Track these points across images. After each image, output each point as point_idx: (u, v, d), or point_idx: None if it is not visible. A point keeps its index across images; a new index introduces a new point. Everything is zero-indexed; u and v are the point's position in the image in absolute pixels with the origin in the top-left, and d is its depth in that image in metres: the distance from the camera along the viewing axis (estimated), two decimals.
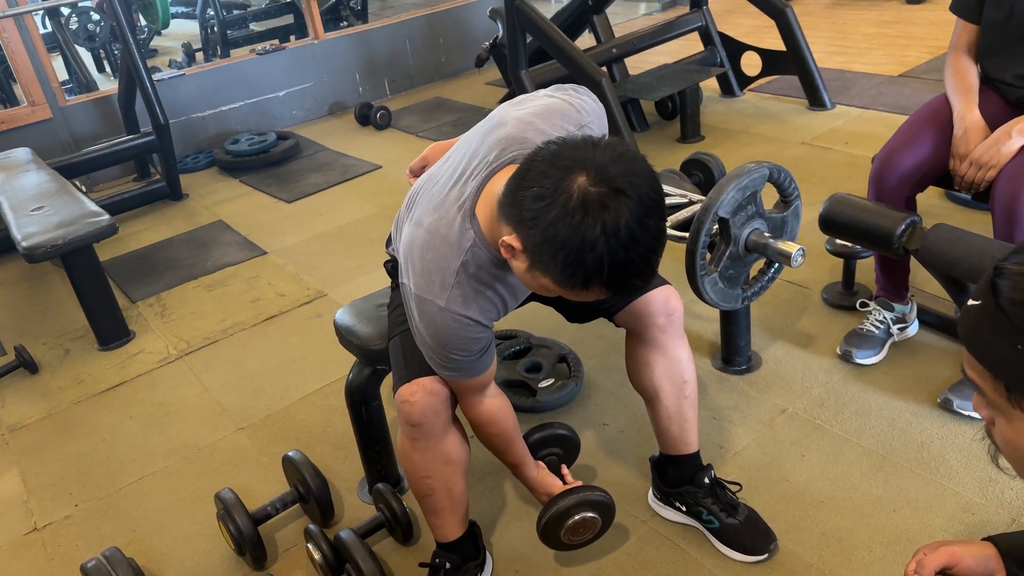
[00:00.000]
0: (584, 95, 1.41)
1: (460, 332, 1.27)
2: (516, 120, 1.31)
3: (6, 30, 3.83)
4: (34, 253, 2.46)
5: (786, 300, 2.39)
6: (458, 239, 1.25)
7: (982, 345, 0.77)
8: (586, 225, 1.05)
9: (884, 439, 1.82)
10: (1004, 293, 0.74)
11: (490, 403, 1.44)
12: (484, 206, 1.25)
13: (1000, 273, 0.76)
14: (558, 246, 1.07)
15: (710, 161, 2.63)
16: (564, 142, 1.13)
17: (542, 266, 1.12)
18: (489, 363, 1.37)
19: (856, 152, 3.27)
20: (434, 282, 1.26)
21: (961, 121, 1.85)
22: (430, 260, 1.27)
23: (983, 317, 0.77)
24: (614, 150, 1.11)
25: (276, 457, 2.03)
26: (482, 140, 1.31)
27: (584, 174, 1.07)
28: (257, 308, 2.82)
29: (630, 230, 1.06)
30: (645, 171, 1.11)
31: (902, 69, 4.18)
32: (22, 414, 2.41)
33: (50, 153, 3.82)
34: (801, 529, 1.63)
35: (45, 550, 1.88)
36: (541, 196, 1.08)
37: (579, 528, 1.50)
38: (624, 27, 5.39)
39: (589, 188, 1.06)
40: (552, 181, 1.08)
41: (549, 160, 1.10)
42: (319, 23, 4.83)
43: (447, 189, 1.30)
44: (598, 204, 1.05)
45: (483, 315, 1.29)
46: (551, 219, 1.07)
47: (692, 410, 1.62)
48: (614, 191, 1.06)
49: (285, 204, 3.70)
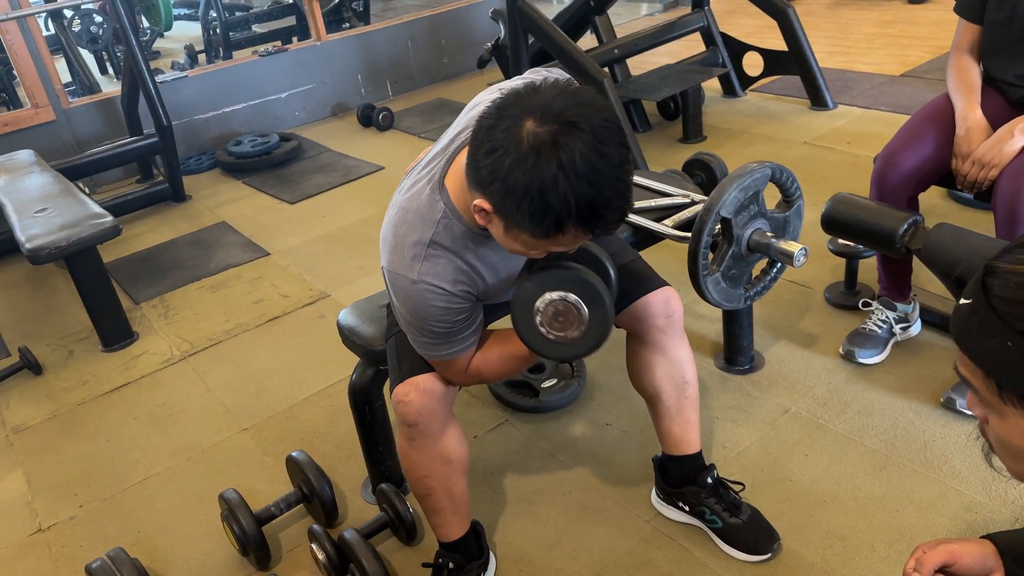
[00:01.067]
0: (556, 72, 1.42)
1: (436, 302, 1.27)
2: (488, 100, 1.32)
3: (9, 32, 3.84)
4: (38, 255, 2.47)
5: (789, 300, 2.39)
6: (428, 211, 1.26)
7: (973, 343, 0.77)
8: (541, 166, 1.04)
9: (887, 438, 1.82)
10: (994, 291, 0.74)
11: (475, 362, 1.39)
12: (453, 178, 1.25)
13: (991, 272, 0.76)
14: (520, 194, 1.06)
15: (712, 161, 2.63)
16: (507, 93, 1.12)
17: (513, 221, 1.11)
18: (474, 341, 1.37)
19: (858, 152, 3.27)
20: (405, 256, 1.26)
21: (963, 120, 1.85)
22: (402, 235, 1.27)
23: (974, 315, 0.77)
24: (555, 87, 1.09)
25: (280, 457, 2.03)
26: (457, 123, 1.33)
27: (530, 118, 1.06)
28: (260, 309, 2.82)
29: (588, 161, 1.04)
30: (592, 101, 1.09)
31: (904, 69, 4.17)
32: (26, 415, 2.42)
33: (53, 155, 3.83)
34: (804, 529, 1.63)
35: (50, 550, 1.89)
36: (493, 149, 1.08)
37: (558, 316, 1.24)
38: (626, 28, 5.39)
39: (537, 130, 1.05)
40: (501, 131, 1.07)
41: (495, 114, 1.10)
42: (321, 24, 4.84)
43: (420, 170, 1.32)
44: (549, 143, 1.04)
45: (456, 286, 1.28)
46: (506, 169, 1.06)
47: (694, 410, 1.62)
48: (563, 125, 1.05)
49: (288, 205, 3.71)
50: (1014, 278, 0.73)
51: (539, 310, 1.24)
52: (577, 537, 1.70)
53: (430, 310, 1.28)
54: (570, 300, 1.23)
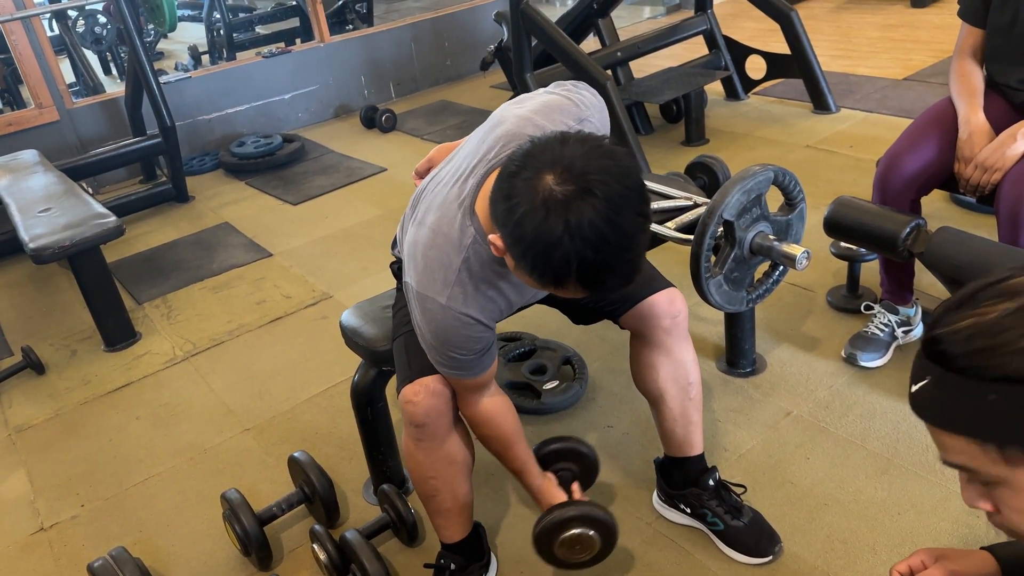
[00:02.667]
0: (583, 90, 1.41)
1: (461, 331, 1.28)
2: (515, 117, 1.31)
3: (14, 33, 3.85)
4: (41, 254, 2.47)
5: (791, 303, 2.39)
6: (459, 236, 1.26)
7: (953, 416, 0.73)
8: (549, 225, 1.05)
9: (889, 442, 1.82)
10: (951, 354, 0.72)
11: (488, 403, 1.43)
12: (483, 203, 1.25)
13: (935, 342, 0.74)
14: (526, 246, 1.08)
15: (715, 164, 2.63)
16: (538, 140, 1.13)
17: (519, 265, 1.13)
18: (490, 363, 1.37)
19: (861, 155, 3.27)
20: (436, 280, 1.26)
21: (966, 124, 1.85)
22: (432, 258, 1.27)
23: (941, 390, 0.74)
24: (584, 145, 1.09)
25: (282, 458, 2.04)
26: (483, 139, 1.32)
27: (551, 172, 1.06)
28: (263, 310, 2.82)
29: (596, 229, 1.04)
30: (616, 167, 1.08)
31: (907, 73, 4.18)
32: (29, 415, 2.42)
33: (57, 155, 3.84)
34: (806, 532, 1.63)
35: (52, 550, 1.89)
36: (510, 196, 1.09)
37: (575, 544, 1.43)
38: (629, 31, 5.39)
39: (554, 187, 1.05)
40: (521, 180, 1.08)
41: (521, 160, 1.10)
42: (325, 26, 4.85)
43: (449, 188, 1.31)
44: (562, 203, 1.04)
45: (484, 313, 1.29)
46: (518, 219, 1.07)
47: (697, 412, 1.62)
48: (580, 190, 1.05)
49: (291, 206, 3.71)
50: (963, 333, 0.72)
51: (564, 538, 1.41)
52: None
53: (454, 337, 1.28)
54: (593, 537, 1.43)
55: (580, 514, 1.42)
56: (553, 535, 1.42)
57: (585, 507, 1.44)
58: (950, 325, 0.73)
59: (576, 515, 1.42)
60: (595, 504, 1.47)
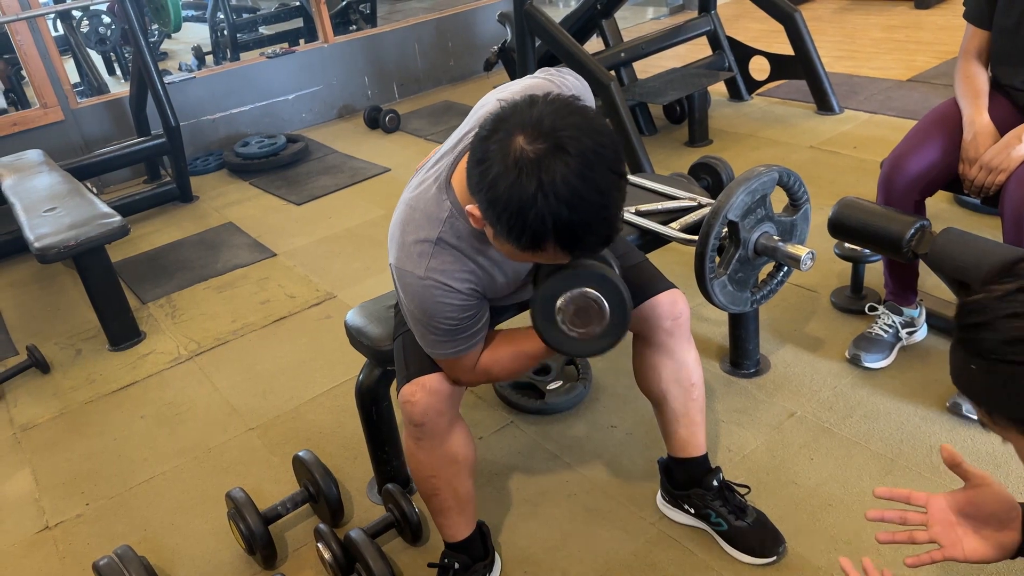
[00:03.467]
0: (567, 74, 1.42)
1: (443, 299, 1.27)
2: (496, 100, 1.33)
3: (19, 33, 3.86)
4: (46, 254, 2.48)
5: (795, 304, 2.39)
6: (436, 209, 1.27)
7: (957, 378, 0.83)
8: (522, 184, 1.04)
9: (893, 443, 1.83)
10: (957, 324, 0.81)
11: (482, 359, 1.39)
12: (459, 178, 1.25)
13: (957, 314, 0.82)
14: (501, 208, 1.07)
15: (718, 165, 2.64)
16: (508, 104, 1.12)
17: (496, 231, 1.12)
18: (480, 337, 1.37)
19: (865, 156, 3.27)
20: (412, 253, 1.27)
21: (971, 125, 1.85)
22: (409, 232, 1.28)
23: (953, 356, 0.84)
24: (553, 103, 1.09)
25: (286, 457, 2.04)
26: (465, 123, 1.34)
27: (522, 134, 1.06)
28: (267, 309, 2.83)
29: (570, 186, 1.04)
30: (588, 123, 1.08)
31: (911, 74, 4.17)
32: (34, 413, 2.43)
33: (62, 155, 3.85)
34: (810, 532, 1.63)
35: (57, 548, 1.90)
36: (482, 159, 1.09)
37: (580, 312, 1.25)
38: (632, 31, 5.40)
39: (525, 147, 1.05)
40: (493, 143, 1.08)
41: (491, 125, 1.10)
42: (328, 27, 4.86)
43: (428, 168, 1.33)
44: (533, 162, 1.04)
45: (463, 283, 1.29)
46: (490, 181, 1.07)
47: (700, 413, 1.62)
48: (551, 148, 1.04)
49: (294, 206, 3.72)
50: (967, 308, 0.80)
51: (560, 308, 1.25)
52: (582, 539, 1.70)
53: (437, 307, 1.28)
54: (591, 296, 1.24)
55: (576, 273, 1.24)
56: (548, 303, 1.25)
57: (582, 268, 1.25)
58: (971, 298, 0.80)
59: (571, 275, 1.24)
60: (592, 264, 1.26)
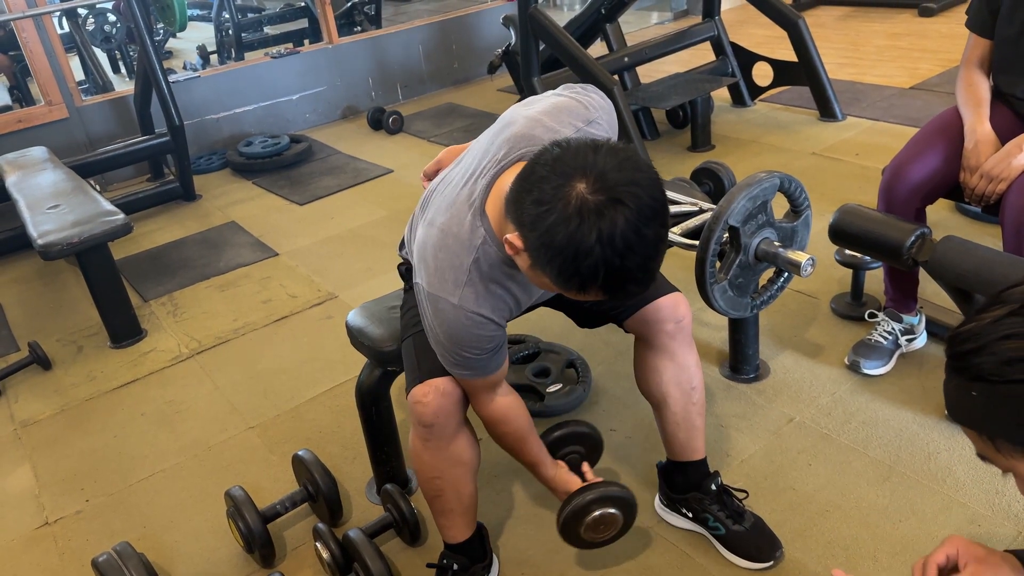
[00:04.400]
0: (592, 92, 1.42)
1: (473, 330, 1.29)
2: (525, 119, 1.33)
3: (25, 30, 3.88)
4: (50, 251, 2.49)
5: (795, 310, 2.40)
6: (469, 237, 1.27)
7: (954, 408, 0.83)
8: (582, 233, 1.06)
9: (891, 449, 1.83)
10: (950, 353, 0.81)
11: (502, 401, 1.45)
12: (493, 204, 1.26)
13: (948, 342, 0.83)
14: (555, 251, 1.09)
15: (720, 170, 2.64)
16: (567, 145, 1.13)
17: (541, 267, 1.14)
18: (501, 362, 1.38)
19: (866, 164, 3.27)
20: (447, 280, 1.27)
21: (972, 134, 1.85)
22: (443, 259, 1.28)
23: (948, 384, 0.83)
24: (616, 156, 1.11)
25: (285, 456, 2.05)
26: (492, 140, 1.33)
27: (584, 180, 1.07)
28: (268, 309, 2.84)
29: (626, 239, 1.06)
30: (646, 179, 1.10)
31: (914, 82, 4.18)
32: (35, 410, 2.44)
33: (66, 152, 3.86)
34: (807, 537, 1.64)
35: (56, 544, 1.90)
36: (540, 201, 1.09)
37: (600, 525, 1.48)
38: (636, 36, 5.41)
39: (587, 196, 1.07)
40: (552, 186, 1.09)
41: (551, 164, 1.11)
42: (333, 28, 4.87)
43: (459, 189, 1.32)
44: (595, 212, 1.06)
45: (495, 312, 1.30)
46: (549, 225, 1.08)
47: (699, 417, 1.63)
48: (612, 200, 1.06)
49: (297, 206, 3.73)
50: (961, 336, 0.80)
51: (588, 520, 1.46)
52: None
53: (466, 336, 1.29)
54: (615, 515, 1.48)
55: (601, 496, 1.46)
56: (578, 520, 1.47)
57: (602, 488, 1.48)
58: (961, 328, 0.80)
59: (596, 497, 1.46)
60: (610, 483, 1.49)
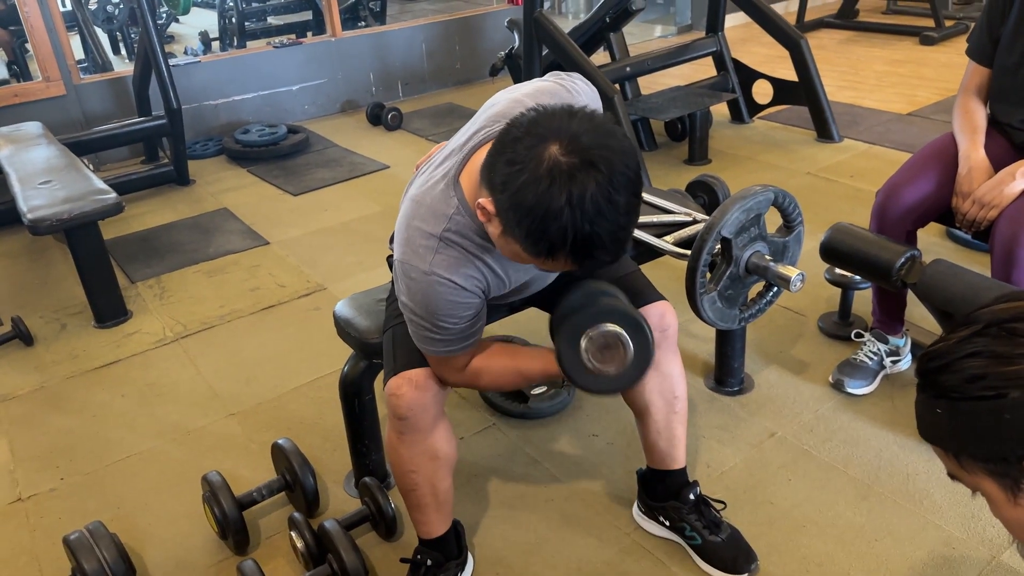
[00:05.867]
0: (577, 79, 1.42)
1: (447, 296, 1.28)
2: (507, 100, 1.34)
3: (27, 4, 3.85)
4: (39, 226, 2.47)
5: (782, 326, 2.41)
6: (443, 206, 1.27)
7: (922, 426, 0.83)
8: (552, 194, 1.05)
9: (870, 469, 1.84)
10: (919, 371, 0.82)
11: (475, 360, 1.39)
12: (468, 175, 1.26)
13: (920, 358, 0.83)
14: (524, 212, 1.08)
15: (716, 184, 2.65)
16: (543, 110, 1.13)
17: (511, 231, 1.13)
18: (476, 336, 1.37)
19: (860, 186, 3.29)
20: (418, 247, 1.27)
21: (966, 160, 1.87)
22: (415, 227, 1.28)
23: (918, 404, 0.84)
24: (591, 121, 1.10)
25: (265, 445, 2.03)
26: (474, 121, 1.35)
27: (557, 143, 1.07)
28: (256, 297, 2.82)
29: (596, 204, 1.06)
30: (620, 146, 1.09)
31: (911, 108, 4.21)
32: (14, 385, 2.41)
33: (61, 129, 3.83)
34: (782, 552, 1.64)
35: (28, 520, 1.88)
36: (513, 161, 1.09)
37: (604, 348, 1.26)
38: (639, 47, 5.43)
39: (559, 157, 1.06)
40: (525, 147, 1.08)
41: (526, 127, 1.10)
42: (337, 21, 4.87)
43: (436, 166, 1.34)
44: (566, 174, 1.05)
45: (467, 281, 1.29)
46: (519, 184, 1.07)
47: (681, 426, 1.63)
48: (584, 163, 1.06)
49: (291, 197, 3.72)
50: (928, 355, 0.81)
51: (590, 336, 1.25)
52: (556, 544, 1.70)
53: (439, 303, 1.28)
54: (623, 338, 1.26)
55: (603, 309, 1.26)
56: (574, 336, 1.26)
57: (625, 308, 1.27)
58: (930, 348, 0.81)
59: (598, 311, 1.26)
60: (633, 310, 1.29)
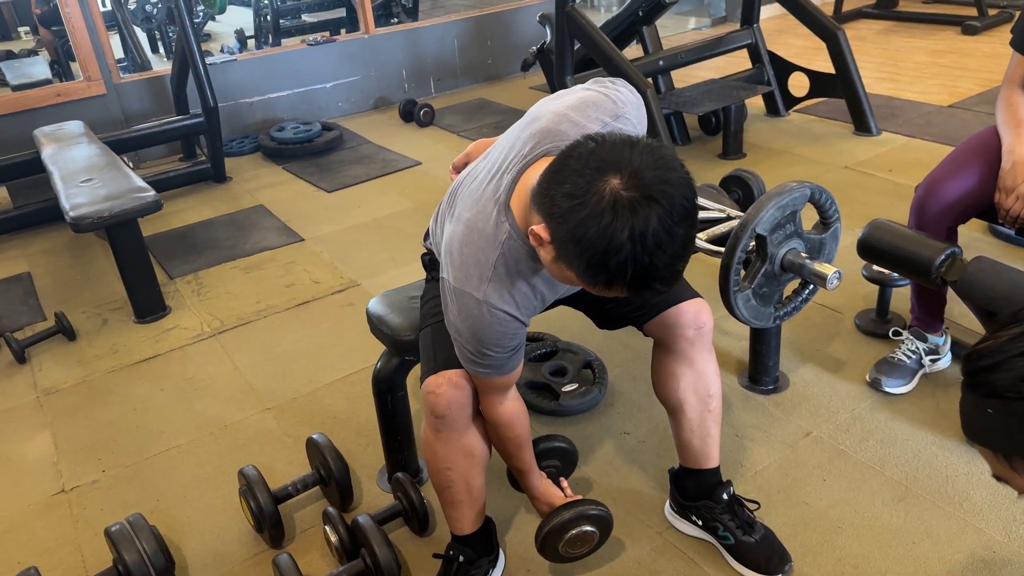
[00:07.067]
0: (621, 87, 1.41)
1: (497, 327, 1.29)
2: (552, 113, 1.32)
3: (68, 6, 3.93)
4: (80, 223, 2.53)
5: (818, 323, 2.37)
6: (494, 232, 1.27)
7: (969, 427, 0.83)
8: (615, 229, 1.05)
9: (908, 470, 1.80)
10: (966, 370, 0.82)
11: (510, 405, 1.45)
12: (518, 199, 1.26)
13: (965, 359, 0.83)
14: (584, 245, 1.08)
15: (750, 179, 2.62)
16: (602, 140, 1.12)
17: (567, 261, 1.13)
18: (518, 363, 1.38)
19: (899, 180, 3.23)
20: (472, 275, 1.27)
21: (1010, 154, 1.82)
22: (468, 254, 1.28)
23: (964, 403, 0.83)
24: (651, 154, 1.10)
25: (300, 439, 2.06)
26: (518, 135, 1.33)
27: (618, 176, 1.07)
28: (291, 293, 2.86)
29: (657, 237, 1.06)
30: (679, 178, 1.10)
31: (952, 100, 4.12)
32: (57, 378, 2.48)
33: (101, 128, 3.91)
34: (817, 553, 1.62)
35: (71, 511, 1.93)
36: (573, 194, 1.08)
37: (577, 541, 1.52)
38: (673, 40, 5.38)
39: (621, 192, 1.06)
40: (585, 180, 1.08)
41: (585, 158, 1.10)
42: (370, 18, 4.89)
43: (485, 184, 1.32)
44: (628, 209, 1.05)
45: (519, 309, 1.30)
46: (580, 218, 1.07)
47: (715, 425, 1.61)
48: (646, 198, 1.06)
49: (325, 193, 3.75)
50: (976, 353, 0.81)
51: (570, 535, 1.51)
52: None
53: (490, 333, 1.29)
54: (595, 536, 1.54)
55: (580, 514, 1.52)
56: (559, 536, 1.51)
57: (583, 506, 1.53)
58: (978, 346, 0.80)
59: (576, 515, 1.51)
60: (589, 501, 1.56)
